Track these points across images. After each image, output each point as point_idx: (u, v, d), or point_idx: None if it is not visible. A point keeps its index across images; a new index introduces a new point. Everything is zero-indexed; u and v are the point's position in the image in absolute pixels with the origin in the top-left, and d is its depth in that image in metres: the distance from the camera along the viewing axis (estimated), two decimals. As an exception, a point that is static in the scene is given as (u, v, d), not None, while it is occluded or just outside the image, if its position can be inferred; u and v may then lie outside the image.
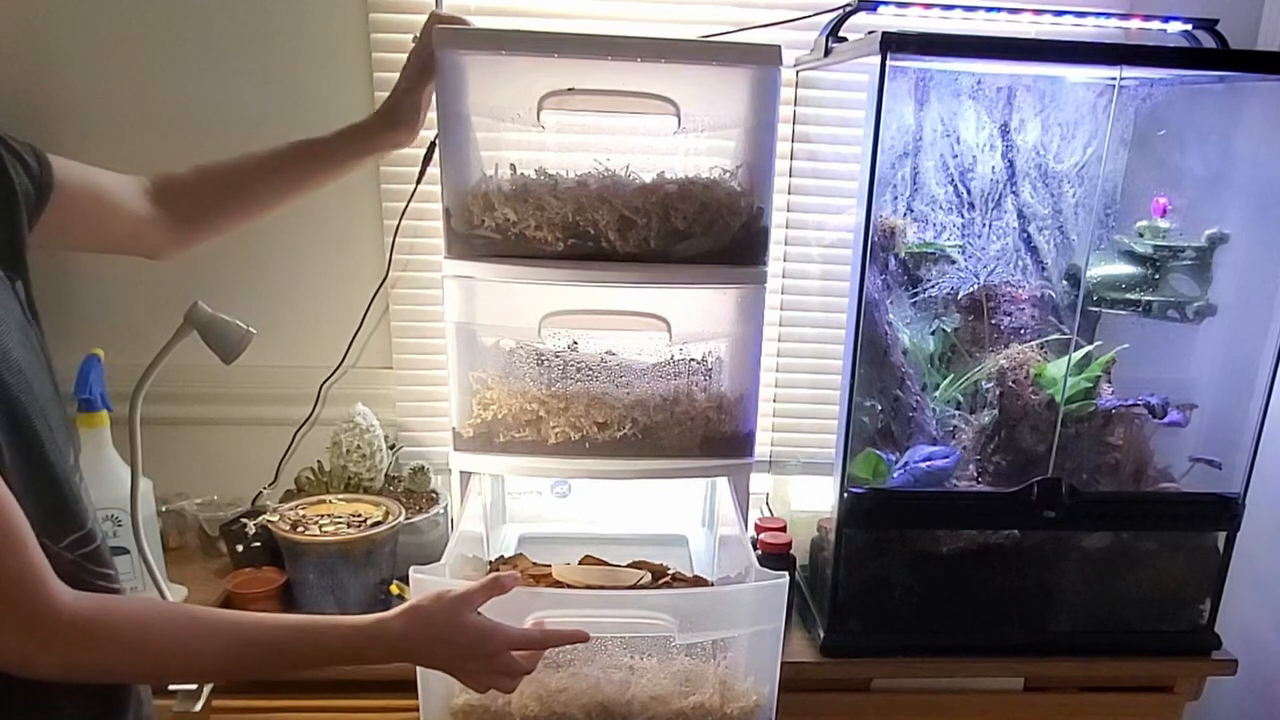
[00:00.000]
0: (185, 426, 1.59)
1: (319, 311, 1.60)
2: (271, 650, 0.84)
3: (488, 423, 1.22)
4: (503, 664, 0.92)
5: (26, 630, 0.72)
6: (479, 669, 0.92)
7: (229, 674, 0.86)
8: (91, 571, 0.82)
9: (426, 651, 0.90)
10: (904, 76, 1.33)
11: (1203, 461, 1.38)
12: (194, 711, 1.24)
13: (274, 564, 1.39)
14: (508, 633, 0.92)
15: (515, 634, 0.93)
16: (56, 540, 0.78)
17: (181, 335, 1.14)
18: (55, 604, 0.73)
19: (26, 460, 0.75)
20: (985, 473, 1.36)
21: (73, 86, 1.48)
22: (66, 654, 0.74)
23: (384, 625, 0.88)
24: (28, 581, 0.71)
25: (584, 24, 1.48)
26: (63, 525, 0.79)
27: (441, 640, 0.90)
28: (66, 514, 0.80)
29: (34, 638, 0.72)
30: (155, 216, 1.02)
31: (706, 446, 1.23)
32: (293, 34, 1.48)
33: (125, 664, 0.79)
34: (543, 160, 1.18)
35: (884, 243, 1.36)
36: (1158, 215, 1.38)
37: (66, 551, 0.79)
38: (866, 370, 1.34)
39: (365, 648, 0.87)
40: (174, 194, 1.04)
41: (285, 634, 0.85)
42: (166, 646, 0.79)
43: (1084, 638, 1.40)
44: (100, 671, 0.78)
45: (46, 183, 0.86)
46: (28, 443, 0.76)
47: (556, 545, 1.43)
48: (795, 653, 1.34)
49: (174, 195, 1.04)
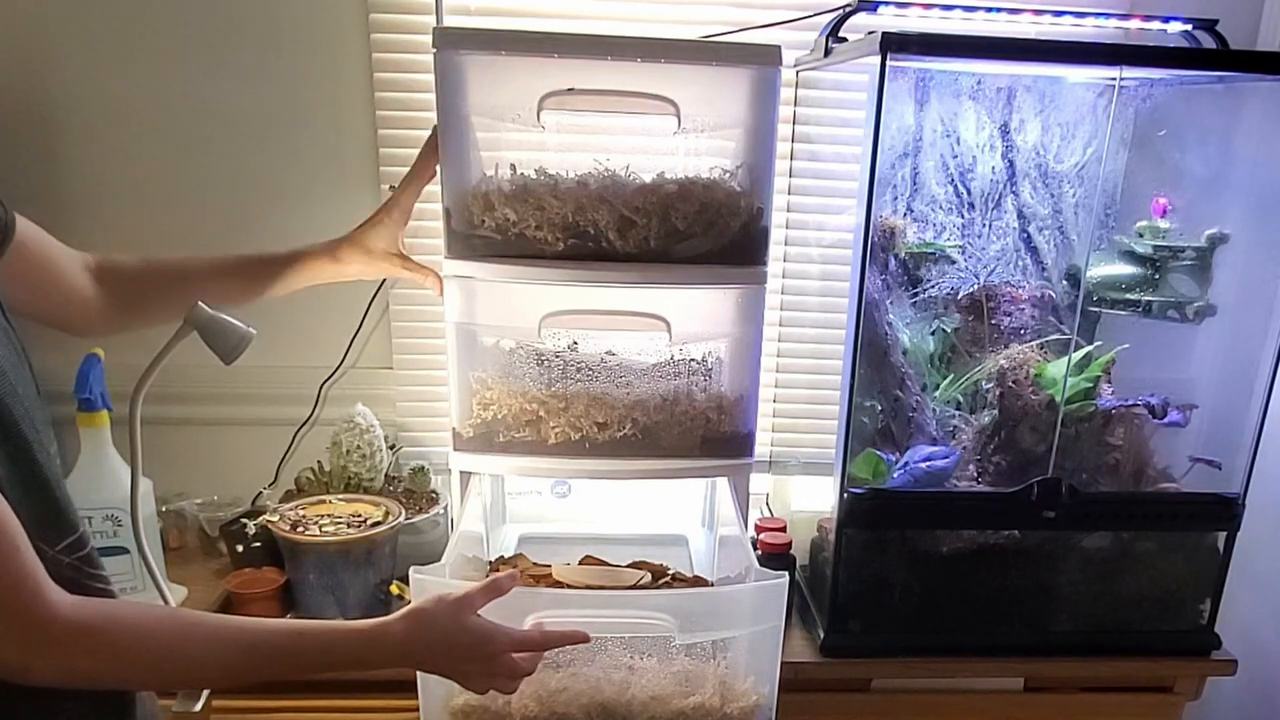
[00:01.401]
0: (185, 426, 1.59)
1: (319, 311, 1.59)
2: (272, 656, 0.84)
3: (488, 423, 1.22)
4: (504, 666, 0.92)
5: (23, 637, 0.71)
6: (480, 671, 0.92)
7: (229, 680, 0.85)
8: (88, 574, 0.82)
9: (428, 655, 0.91)
10: (904, 77, 1.32)
11: (1203, 461, 1.38)
12: (194, 712, 1.24)
13: (274, 564, 1.39)
14: (509, 634, 0.93)
15: (516, 635, 0.93)
16: (52, 545, 0.77)
17: (181, 335, 1.14)
18: (52, 609, 0.72)
19: (16, 464, 0.75)
20: (985, 473, 1.36)
21: (73, 86, 1.47)
22: (65, 660, 0.74)
23: (385, 629, 0.88)
24: (24, 587, 0.71)
25: (584, 24, 1.48)
26: (57, 530, 0.79)
27: (443, 643, 0.90)
28: (60, 518, 0.79)
29: (31, 644, 0.72)
30: (93, 295, 1.02)
31: (706, 446, 1.23)
32: (293, 34, 1.48)
33: (124, 670, 0.78)
34: (543, 160, 1.18)
35: (884, 243, 1.36)
36: (1158, 215, 1.38)
37: (63, 555, 0.79)
38: (866, 370, 1.34)
39: (367, 653, 0.87)
40: (115, 277, 1.04)
41: (286, 639, 0.85)
42: (166, 652, 0.79)
43: (1084, 638, 1.40)
44: (99, 677, 0.78)
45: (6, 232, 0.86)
46: (17, 447, 0.75)
47: (556, 545, 1.43)
48: (795, 653, 1.34)
49: (115, 279, 1.04)
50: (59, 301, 0.99)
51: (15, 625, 0.71)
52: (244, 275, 1.13)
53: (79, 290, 1.00)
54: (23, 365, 0.80)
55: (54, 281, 0.97)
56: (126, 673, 0.79)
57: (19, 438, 0.75)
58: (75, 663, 0.74)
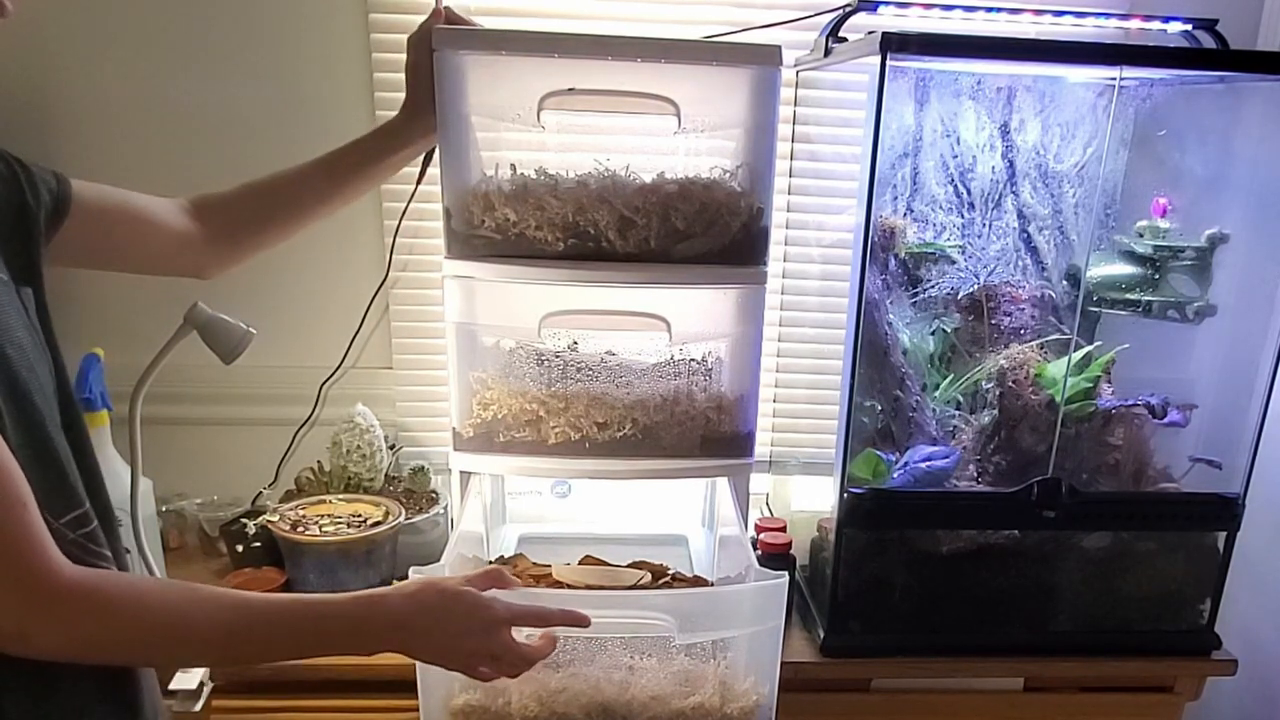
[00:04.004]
0: (185, 426, 1.59)
1: (319, 311, 1.60)
2: (270, 621, 0.82)
3: (488, 423, 1.23)
4: (502, 642, 0.90)
5: (24, 596, 0.71)
6: (477, 647, 0.90)
7: (229, 650, 0.84)
8: (91, 551, 0.82)
9: (424, 626, 0.88)
10: (904, 76, 1.32)
11: (1203, 461, 1.38)
12: (194, 711, 1.24)
13: (274, 564, 1.39)
14: (506, 605, 0.91)
15: (515, 608, 0.92)
16: (57, 516, 0.78)
17: (181, 335, 1.15)
18: (54, 570, 0.72)
19: (27, 431, 0.75)
20: (985, 473, 1.36)
21: (73, 87, 1.47)
22: (65, 624, 0.73)
23: (382, 595, 0.88)
24: (28, 544, 0.70)
25: (584, 24, 1.48)
26: (63, 502, 0.79)
27: (439, 611, 0.88)
28: (66, 491, 0.80)
29: (32, 604, 0.71)
30: (195, 233, 1.05)
31: (706, 446, 1.23)
32: (293, 34, 1.48)
33: (124, 637, 0.77)
34: (543, 160, 1.18)
35: (884, 243, 1.36)
36: (1158, 215, 1.38)
37: (68, 530, 0.79)
38: (866, 370, 1.34)
39: (363, 623, 0.86)
40: (213, 210, 1.07)
41: (282, 605, 0.84)
42: (165, 618, 0.78)
43: (1084, 638, 1.40)
44: (99, 645, 0.76)
45: (64, 199, 0.90)
46: (27, 415, 0.76)
47: (556, 545, 1.43)
48: (795, 653, 1.34)
49: (213, 211, 1.07)
50: (161, 250, 1.03)
51: (16, 583, 0.70)
52: (333, 169, 1.12)
53: (181, 233, 1.03)
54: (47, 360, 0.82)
55: (148, 231, 1.00)
56: (126, 641, 0.77)
57: (30, 407, 0.76)
58: (76, 627, 0.73)
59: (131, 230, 0.99)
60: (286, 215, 1.11)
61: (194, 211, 1.05)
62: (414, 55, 1.12)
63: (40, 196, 0.86)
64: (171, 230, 1.03)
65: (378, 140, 1.14)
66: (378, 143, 1.13)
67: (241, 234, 1.09)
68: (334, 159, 1.12)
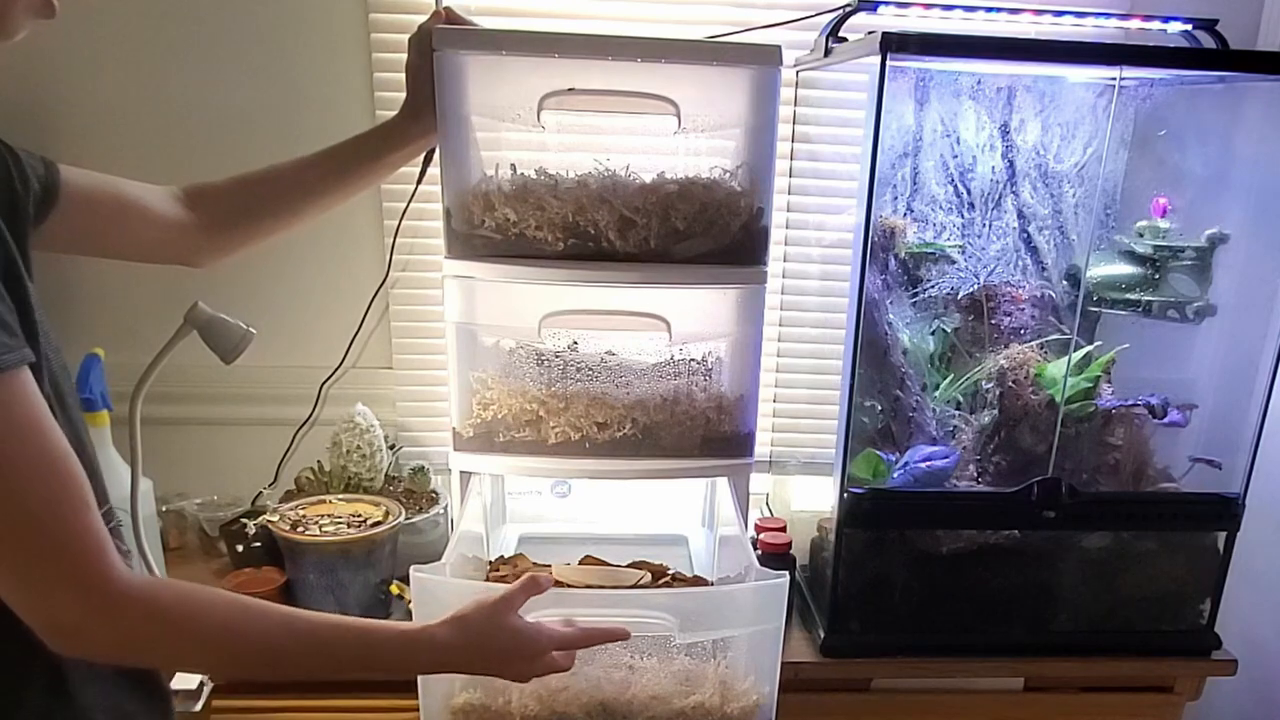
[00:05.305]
0: (185, 426, 1.59)
1: (319, 311, 1.60)
2: (315, 642, 0.82)
3: (488, 423, 1.23)
4: (546, 665, 0.93)
5: (85, 596, 0.70)
6: (524, 669, 0.92)
7: (273, 663, 0.83)
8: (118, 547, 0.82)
9: (470, 659, 0.91)
10: (904, 76, 1.32)
11: (1203, 461, 1.38)
12: (194, 711, 1.24)
13: (274, 564, 1.39)
14: (550, 635, 0.93)
15: (557, 635, 0.93)
16: None
17: (181, 335, 1.14)
18: (115, 575, 0.72)
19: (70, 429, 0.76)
20: (985, 473, 1.36)
21: (73, 86, 1.48)
22: (119, 628, 0.73)
23: (429, 633, 0.88)
24: (91, 543, 0.71)
25: (584, 24, 1.48)
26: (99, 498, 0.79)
27: (484, 648, 0.90)
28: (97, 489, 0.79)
29: (91, 606, 0.71)
30: (187, 221, 1.04)
31: (706, 446, 1.23)
32: (293, 34, 1.48)
33: (173, 646, 0.77)
34: (543, 160, 1.18)
35: (884, 243, 1.36)
36: (1158, 215, 1.38)
37: None
38: (866, 370, 1.34)
39: (410, 656, 0.87)
40: (205, 198, 1.06)
41: (328, 629, 0.84)
42: (215, 631, 0.78)
43: (1084, 638, 1.40)
44: (148, 651, 0.77)
45: (52, 186, 0.89)
46: (68, 414, 0.77)
47: (556, 545, 1.43)
48: (795, 653, 1.34)
49: (205, 200, 1.06)
50: (153, 238, 1.02)
51: (77, 580, 0.70)
52: (330, 165, 1.11)
53: (173, 222, 1.03)
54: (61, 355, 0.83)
55: (139, 219, 1.00)
56: (176, 647, 0.78)
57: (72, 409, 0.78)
58: (130, 630, 0.73)
59: (122, 217, 0.98)
60: (279, 208, 1.10)
61: (186, 200, 1.05)
62: (414, 55, 1.11)
63: (29, 183, 0.86)
64: (163, 218, 1.02)
65: (377, 139, 1.13)
66: (377, 141, 1.13)
67: (233, 224, 1.08)
68: (332, 155, 1.11)
